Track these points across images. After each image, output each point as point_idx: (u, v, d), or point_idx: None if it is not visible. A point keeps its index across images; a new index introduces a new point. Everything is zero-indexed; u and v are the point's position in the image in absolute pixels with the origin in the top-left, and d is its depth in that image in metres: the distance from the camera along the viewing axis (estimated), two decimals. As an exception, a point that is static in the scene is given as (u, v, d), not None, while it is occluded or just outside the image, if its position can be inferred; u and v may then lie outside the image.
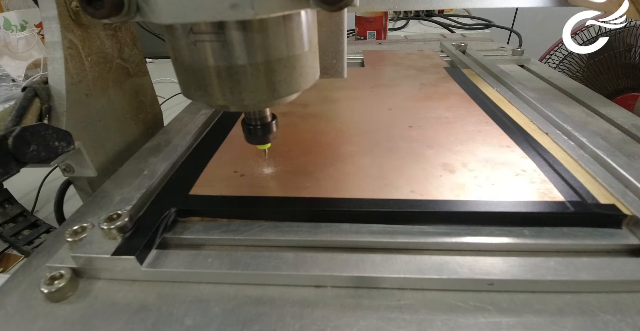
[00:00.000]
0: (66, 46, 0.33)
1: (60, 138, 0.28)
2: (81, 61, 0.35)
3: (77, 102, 0.34)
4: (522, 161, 0.30)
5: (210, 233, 0.25)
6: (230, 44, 0.19)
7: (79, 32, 0.34)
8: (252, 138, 0.27)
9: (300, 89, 0.22)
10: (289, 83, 0.21)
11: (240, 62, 0.19)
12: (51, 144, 0.27)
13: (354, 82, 0.52)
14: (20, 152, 0.24)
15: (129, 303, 0.21)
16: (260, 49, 0.19)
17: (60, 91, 0.32)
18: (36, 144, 0.26)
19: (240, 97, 0.21)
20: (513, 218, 0.24)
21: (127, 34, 0.42)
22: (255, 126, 0.26)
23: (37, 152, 0.26)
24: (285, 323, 0.19)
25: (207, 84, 0.20)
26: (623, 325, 0.18)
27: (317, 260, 0.22)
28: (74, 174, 0.35)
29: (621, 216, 0.23)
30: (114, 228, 0.22)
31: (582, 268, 0.21)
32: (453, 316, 0.19)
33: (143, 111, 0.45)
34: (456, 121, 0.38)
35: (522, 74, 0.58)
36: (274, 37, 0.19)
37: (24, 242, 0.37)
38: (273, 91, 0.21)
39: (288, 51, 0.20)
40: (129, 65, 0.42)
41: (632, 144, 0.35)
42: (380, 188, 0.27)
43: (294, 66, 0.21)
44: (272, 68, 0.20)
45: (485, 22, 1.14)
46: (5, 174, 0.24)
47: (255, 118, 0.26)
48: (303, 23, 0.20)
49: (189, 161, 0.33)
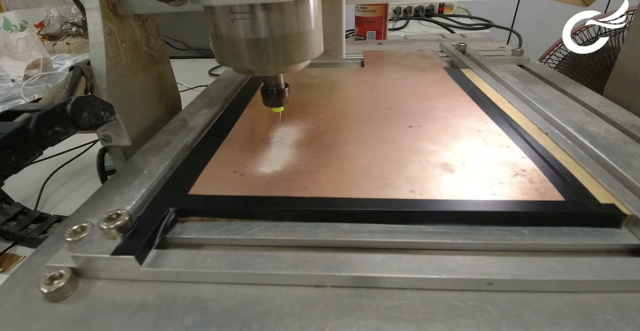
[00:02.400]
0: (106, 33, 0.39)
1: (105, 108, 0.34)
2: (117, 46, 0.41)
3: (114, 82, 0.40)
4: (522, 161, 0.30)
5: (210, 233, 0.25)
6: (258, 21, 0.26)
7: (115, 21, 0.40)
8: (269, 101, 0.34)
9: (309, 58, 0.29)
10: (300, 53, 0.28)
11: (265, 35, 0.26)
12: (99, 113, 0.33)
13: (354, 82, 0.52)
14: (76, 117, 0.30)
15: (129, 303, 0.21)
16: (279, 26, 0.26)
17: (101, 71, 0.38)
18: (87, 111, 0.31)
19: (264, 63, 0.27)
20: (513, 218, 0.24)
21: (152, 25, 0.48)
22: (272, 91, 0.33)
23: (89, 119, 0.31)
24: (284, 323, 0.19)
25: (240, 53, 0.27)
26: (623, 325, 0.18)
27: (317, 260, 0.22)
28: (111, 143, 0.41)
29: (621, 216, 0.23)
30: (114, 227, 0.22)
31: (582, 268, 0.21)
32: (453, 316, 0.19)
33: (165, 94, 0.51)
34: (456, 120, 0.38)
35: (522, 74, 0.58)
36: (290, 17, 0.26)
37: (37, 233, 0.37)
38: (288, 58, 0.28)
39: (299, 28, 0.27)
40: (154, 52, 0.48)
41: (632, 144, 0.35)
42: (380, 188, 0.27)
43: (304, 39, 0.28)
44: (288, 40, 0.27)
45: (485, 22, 1.14)
46: (65, 134, 0.29)
47: (272, 84, 0.33)
48: (311, 6, 0.27)
49: (189, 161, 0.33)
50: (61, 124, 0.29)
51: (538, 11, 1.60)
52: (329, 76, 0.54)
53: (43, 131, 0.27)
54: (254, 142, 0.36)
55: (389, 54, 0.67)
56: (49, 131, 0.28)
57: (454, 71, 0.55)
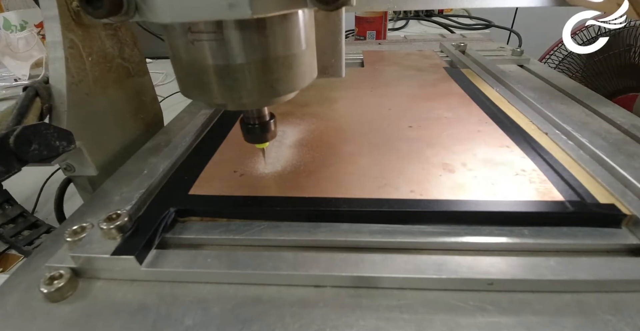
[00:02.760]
0: (67, 46, 0.33)
1: (61, 137, 0.28)
2: (82, 60, 0.35)
3: (78, 102, 0.34)
4: (522, 161, 0.30)
5: (209, 233, 0.25)
6: (228, 43, 0.19)
7: (79, 32, 0.34)
8: (251, 137, 0.27)
9: (298, 88, 0.23)
10: (286, 82, 0.21)
11: (238, 61, 0.19)
12: (52, 143, 0.28)
13: (354, 82, 0.52)
14: (22, 151, 0.24)
15: (129, 303, 0.21)
16: (258, 48, 0.19)
17: (61, 90, 0.32)
18: (37, 143, 0.26)
19: (238, 96, 0.21)
20: (513, 218, 0.24)
21: (127, 34, 0.42)
22: (254, 125, 0.26)
23: (39, 151, 0.26)
24: (284, 323, 0.19)
25: (206, 83, 0.21)
26: (623, 325, 0.18)
27: (317, 260, 0.22)
28: (74, 173, 0.35)
29: (621, 216, 0.23)
30: (114, 227, 0.22)
31: (582, 268, 0.21)
32: (453, 316, 0.19)
33: (143, 111, 0.45)
34: (456, 121, 0.38)
35: (521, 74, 0.58)
36: (271, 36, 0.20)
37: (24, 243, 0.37)
38: (271, 89, 0.21)
39: (285, 50, 0.20)
40: (129, 64, 0.43)
41: (632, 144, 0.35)
42: (380, 188, 0.27)
43: (291, 64, 0.21)
44: (270, 67, 0.20)
45: (485, 22, 1.14)
46: (6, 173, 0.24)
47: (254, 117, 0.26)
48: (300, 22, 0.21)
49: (188, 161, 0.33)
50: (1, 161, 0.23)
51: (538, 11, 1.60)
52: (329, 76, 0.54)
53: None
54: (254, 142, 0.36)
55: (389, 54, 0.67)
56: None
57: (454, 71, 0.55)
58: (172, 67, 0.22)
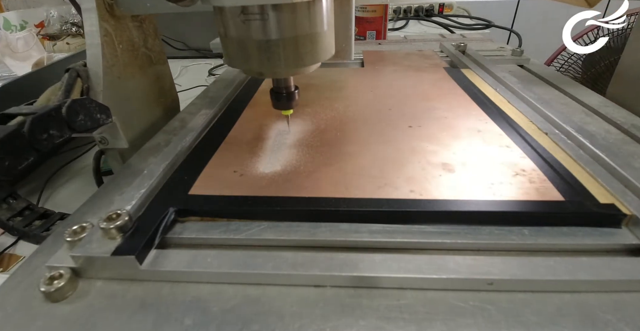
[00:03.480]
0: (102, 34, 0.38)
1: (101, 111, 0.34)
2: (114, 47, 0.40)
3: (111, 83, 0.39)
4: (522, 161, 0.30)
5: (209, 233, 0.25)
6: (270, 22, 0.24)
7: (112, 22, 0.40)
8: (279, 104, 0.33)
9: (321, 60, 0.28)
10: (312, 55, 0.27)
11: (276, 37, 0.25)
12: (94, 116, 0.33)
13: (354, 82, 0.52)
14: (71, 120, 0.29)
15: (129, 303, 0.21)
16: (291, 27, 0.25)
17: (98, 73, 0.37)
18: (83, 114, 0.31)
19: (274, 65, 0.26)
20: (513, 218, 0.24)
21: (150, 26, 0.47)
22: (282, 94, 0.32)
23: (84, 121, 0.31)
24: (284, 323, 0.19)
25: (250, 54, 0.26)
26: (623, 325, 0.18)
27: (317, 260, 0.22)
28: (108, 145, 0.40)
29: (620, 216, 0.23)
30: (114, 227, 0.22)
31: (582, 268, 0.21)
32: (453, 316, 0.19)
33: (163, 95, 0.50)
34: (456, 120, 0.38)
35: (522, 74, 0.58)
36: (302, 18, 0.25)
37: (40, 231, 0.38)
38: (300, 60, 0.27)
39: (312, 29, 0.26)
40: (152, 53, 0.48)
41: (632, 144, 0.35)
42: (380, 188, 0.27)
43: (317, 41, 0.27)
44: (300, 42, 0.26)
45: (485, 22, 1.14)
46: (60, 137, 0.29)
47: (282, 87, 0.32)
48: (324, 7, 0.26)
49: (188, 161, 0.33)
50: (56, 127, 0.28)
51: (538, 11, 1.60)
52: (329, 76, 0.54)
53: (37, 135, 0.27)
54: (253, 142, 0.36)
55: (389, 54, 0.67)
56: (44, 134, 0.27)
57: (453, 71, 0.55)
58: (222, 43, 0.28)
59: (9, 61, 0.83)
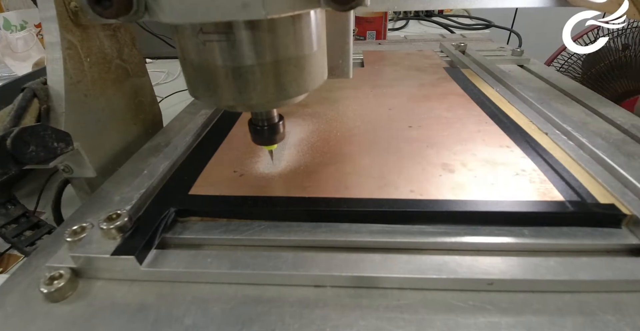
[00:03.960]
0: (65, 47, 0.32)
1: (59, 139, 0.28)
2: (80, 61, 0.34)
3: (76, 103, 0.34)
4: (522, 161, 0.30)
5: (209, 233, 0.25)
6: (239, 43, 0.19)
7: (78, 33, 0.34)
8: (259, 138, 0.27)
9: (309, 89, 0.22)
10: (298, 83, 0.21)
11: (250, 62, 0.19)
12: (50, 145, 0.27)
13: (354, 82, 0.52)
14: (19, 153, 0.24)
15: (129, 303, 0.21)
16: (270, 49, 0.19)
17: (59, 92, 0.32)
18: (35, 144, 0.26)
19: (248, 97, 0.21)
20: (513, 218, 0.24)
21: (126, 35, 0.42)
22: (262, 127, 0.26)
23: (36, 153, 0.26)
24: (284, 323, 0.19)
25: (216, 84, 0.20)
26: (623, 324, 0.18)
27: (317, 260, 0.22)
28: (72, 174, 0.35)
29: (620, 216, 0.23)
30: (114, 227, 0.22)
31: (582, 268, 0.21)
32: (453, 316, 0.19)
33: (142, 112, 0.45)
34: (456, 121, 0.38)
35: (522, 74, 0.58)
36: (284, 37, 0.19)
37: (25, 243, 0.37)
38: (282, 91, 0.21)
39: (297, 51, 0.20)
40: (128, 65, 0.42)
41: (632, 144, 0.35)
42: (380, 188, 0.27)
43: (303, 66, 0.21)
44: (282, 68, 0.20)
45: (485, 22, 1.14)
46: (3, 175, 0.24)
47: (263, 119, 0.26)
48: (312, 23, 0.20)
49: (188, 161, 0.33)
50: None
51: (538, 11, 1.59)
52: (329, 76, 0.54)
53: None
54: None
55: (389, 54, 0.67)
56: None
57: (454, 71, 0.55)
58: (181, 68, 0.22)
59: (9, 60, 0.83)
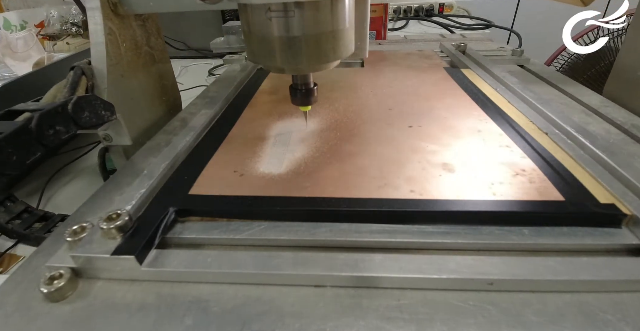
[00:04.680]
0: (107, 32, 0.39)
1: (106, 108, 0.34)
2: (118, 45, 0.41)
3: (115, 81, 0.40)
4: (522, 161, 0.30)
5: (209, 233, 0.25)
6: (294, 19, 0.25)
7: (116, 21, 0.40)
8: (298, 100, 0.34)
9: (342, 57, 0.29)
10: (335, 51, 0.28)
11: (299, 34, 0.26)
12: (99, 112, 0.33)
13: (354, 82, 0.52)
14: (77, 117, 0.30)
15: (129, 303, 0.21)
16: (315, 24, 0.26)
17: (102, 70, 0.38)
18: (89, 111, 0.31)
19: (297, 61, 0.27)
20: (513, 218, 0.24)
21: (152, 25, 0.48)
22: (301, 90, 0.33)
23: (90, 118, 0.32)
24: (284, 323, 0.19)
25: (274, 51, 0.27)
26: (623, 324, 0.18)
27: (317, 260, 0.22)
28: (112, 142, 0.41)
29: (621, 216, 0.23)
30: (114, 227, 0.22)
31: (582, 268, 0.21)
32: (453, 316, 0.19)
33: (165, 94, 0.51)
34: (456, 120, 0.38)
35: (522, 74, 0.58)
36: (326, 15, 0.26)
37: (42, 232, 0.37)
38: (323, 56, 0.27)
39: (334, 26, 0.27)
40: (155, 52, 0.48)
41: (632, 144, 0.35)
42: (380, 188, 0.27)
43: (339, 37, 0.27)
44: (323, 39, 0.27)
45: (485, 22, 1.14)
46: (67, 133, 0.29)
47: (301, 83, 0.32)
48: (346, 5, 0.27)
49: (189, 161, 0.33)
50: (62, 123, 0.29)
51: (538, 11, 1.59)
52: (329, 76, 0.54)
53: (45, 130, 0.27)
54: (254, 142, 0.36)
55: (389, 54, 0.67)
56: (51, 130, 0.28)
57: (454, 71, 0.55)
58: (244, 39, 0.29)
59: (9, 61, 0.83)
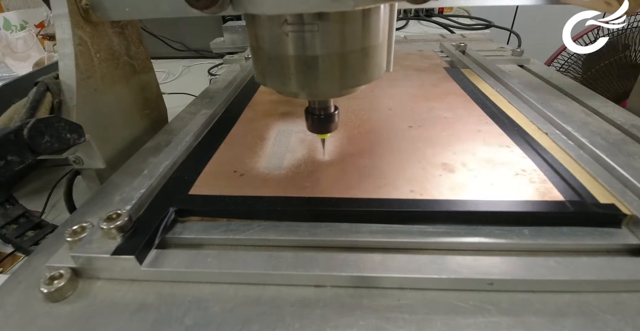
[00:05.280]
0: (76, 43, 0.34)
1: (72, 130, 0.30)
2: (90, 57, 0.36)
3: (86, 97, 0.35)
4: (522, 161, 0.30)
5: (210, 233, 0.25)
6: (321, 34, 0.20)
7: (88, 29, 0.36)
8: (315, 127, 0.28)
9: (373, 79, 0.23)
10: (366, 72, 0.22)
11: (323, 52, 0.20)
12: (63, 136, 0.29)
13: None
14: (35, 143, 0.26)
15: (129, 303, 0.21)
16: (345, 40, 0.20)
17: (71, 86, 0.34)
18: (50, 135, 0.27)
19: (316, 85, 0.22)
20: (513, 218, 0.24)
21: (133, 32, 0.43)
22: (319, 116, 0.27)
23: (51, 143, 0.27)
24: (284, 323, 0.19)
25: (289, 73, 0.21)
26: (623, 324, 0.18)
27: (317, 260, 0.22)
28: (83, 166, 0.37)
29: (621, 216, 0.23)
30: (114, 227, 0.22)
31: (582, 268, 0.21)
32: (453, 316, 0.19)
33: (148, 107, 0.47)
34: (456, 121, 0.38)
35: (521, 74, 0.58)
36: (358, 28, 0.20)
37: (29, 243, 0.37)
38: (350, 79, 0.22)
39: (367, 42, 0.21)
40: (135, 62, 0.44)
41: (632, 144, 0.35)
42: (380, 188, 0.27)
43: (372, 55, 0.22)
44: (354, 58, 0.21)
45: (485, 22, 1.14)
46: (21, 163, 0.25)
47: (320, 108, 0.27)
48: (382, 15, 0.21)
49: (189, 160, 0.33)
50: (16, 152, 0.24)
51: (538, 11, 1.60)
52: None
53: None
54: (254, 142, 0.36)
55: (389, 54, 0.67)
56: (1, 161, 0.24)
57: (454, 71, 0.55)
58: (252, 57, 0.23)
59: (9, 60, 0.83)
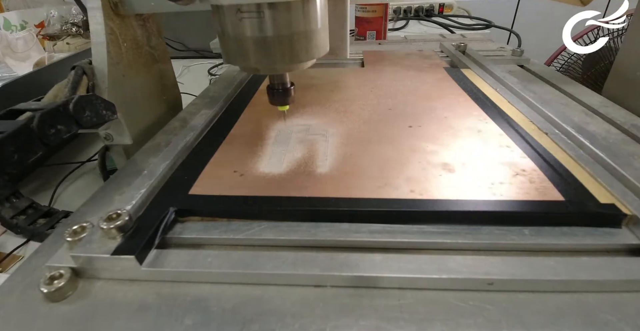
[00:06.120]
0: (108, 32, 0.39)
1: (107, 107, 0.35)
2: (119, 45, 0.41)
3: (115, 81, 0.40)
4: (522, 161, 0.30)
5: (210, 233, 0.25)
6: (266, 20, 0.25)
7: (117, 21, 0.41)
8: (275, 99, 0.34)
9: (315, 57, 0.29)
10: (307, 51, 0.28)
11: (272, 34, 0.26)
12: (100, 112, 0.34)
13: (354, 82, 0.52)
14: (78, 116, 0.30)
15: (129, 303, 0.21)
16: (287, 24, 0.26)
17: (103, 70, 0.39)
18: (90, 110, 0.32)
19: (271, 61, 0.27)
20: (513, 218, 0.24)
21: (153, 25, 0.49)
22: (278, 90, 0.33)
23: (90, 118, 0.32)
24: (285, 323, 0.19)
25: (247, 51, 0.27)
26: (623, 324, 0.18)
27: (317, 260, 0.22)
28: (112, 142, 0.42)
29: (621, 216, 0.23)
30: (114, 227, 0.22)
31: (582, 268, 0.21)
32: (453, 316, 0.19)
33: (166, 93, 0.52)
34: (456, 120, 0.38)
35: (522, 74, 0.58)
36: (297, 16, 0.26)
37: (45, 228, 0.38)
38: (295, 56, 0.28)
39: (306, 26, 0.27)
40: (155, 52, 0.49)
41: (632, 144, 0.35)
42: (380, 188, 0.27)
43: (311, 38, 0.28)
44: (295, 39, 0.27)
45: (485, 22, 1.14)
46: (68, 132, 0.29)
47: (278, 83, 0.33)
48: (318, 5, 0.27)
49: (188, 161, 0.33)
50: (64, 122, 0.29)
51: (538, 11, 1.60)
52: (329, 76, 0.54)
53: (46, 130, 0.27)
54: (254, 142, 0.36)
55: (389, 54, 0.67)
56: (52, 129, 0.28)
57: (454, 71, 0.55)
58: (219, 40, 0.29)
59: (9, 61, 0.83)
